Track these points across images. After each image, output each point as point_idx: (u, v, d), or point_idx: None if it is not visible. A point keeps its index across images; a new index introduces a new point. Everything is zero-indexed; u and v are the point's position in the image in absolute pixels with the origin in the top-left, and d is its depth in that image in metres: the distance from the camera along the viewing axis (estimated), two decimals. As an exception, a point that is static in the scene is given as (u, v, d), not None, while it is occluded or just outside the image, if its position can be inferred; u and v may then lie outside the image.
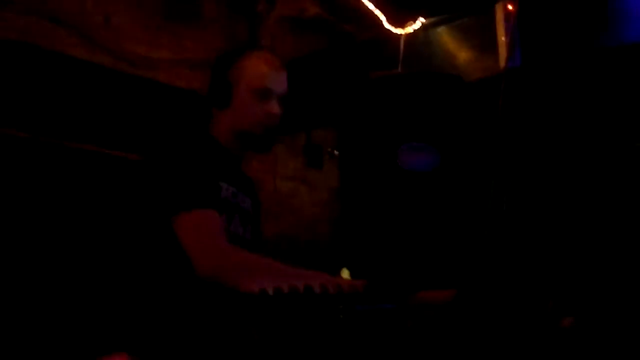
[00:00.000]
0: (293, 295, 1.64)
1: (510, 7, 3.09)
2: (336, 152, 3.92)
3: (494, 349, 2.03)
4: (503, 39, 3.08)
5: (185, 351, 1.86)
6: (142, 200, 1.98)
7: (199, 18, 3.52)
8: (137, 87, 3.20)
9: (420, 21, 3.40)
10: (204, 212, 1.88)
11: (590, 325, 2.41)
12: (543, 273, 2.87)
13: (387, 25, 3.47)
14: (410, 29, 3.41)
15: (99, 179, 2.98)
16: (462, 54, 3.30)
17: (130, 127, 3.12)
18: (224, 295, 1.78)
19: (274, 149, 2.24)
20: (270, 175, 3.76)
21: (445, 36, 3.35)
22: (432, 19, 3.40)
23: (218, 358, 1.88)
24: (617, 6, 2.90)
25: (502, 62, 3.05)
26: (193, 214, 1.87)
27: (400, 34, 3.41)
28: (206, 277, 1.81)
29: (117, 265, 2.74)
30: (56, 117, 2.91)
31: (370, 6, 3.42)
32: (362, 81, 3.19)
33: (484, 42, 3.19)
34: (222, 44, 3.56)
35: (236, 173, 2.14)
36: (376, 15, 3.46)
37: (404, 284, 2.23)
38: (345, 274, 2.96)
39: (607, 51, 2.94)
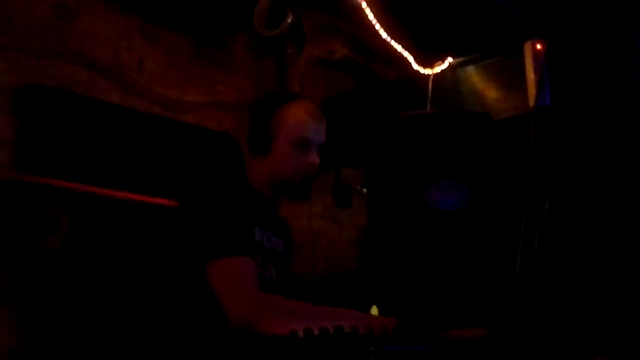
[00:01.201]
0: (323, 336, 1.65)
1: (539, 46, 3.10)
2: (365, 190, 3.93)
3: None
4: (532, 77, 3.09)
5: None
6: (176, 246, 1.99)
7: (228, 61, 3.59)
8: (169, 129, 3.24)
9: (448, 61, 3.42)
10: (238, 259, 1.89)
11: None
12: (575, 312, 2.83)
13: (415, 66, 3.50)
14: (438, 68, 3.43)
15: (137, 226, 3.00)
16: (490, 92, 3.31)
17: (163, 170, 3.16)
18: (255, 340, 1.79)
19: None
20: (301, 214, 3.78)
21: (473, 75, 3.37)
22: (460, 59, 3.43)
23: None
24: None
25: (532, 100, 3.06)
26: (227, 261, 1.88)
27: (429, 74, 3.44)
28: (238, 324, 1.82)
29: (149, 313, 2.77)
30: (92, 163, 2.95)
31: (398, 47, 3.46)
32: (391, 120, 3.21)
33: (513, 80, 3.21)
34: (252, 86, 3.62)
35: (271, 217, 2.14)
36: (404, 56, 3.50)
37: (434, 323, 2.22)
38: (374, 311, 2.94)
39: (636, 89, 2.93)
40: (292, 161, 2.07)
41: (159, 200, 3.02)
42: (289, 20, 3.48)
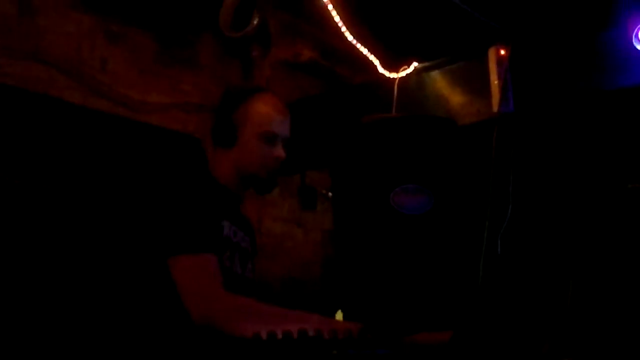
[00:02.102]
0: (286, 339, 1.64)
1: (502, 51, 3.13)
2: (330, 194, 3.93)
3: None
4: (496, 83, 3.11)
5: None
6: (141, 240, 1.98)
7: (193, 62, 3.56)
8: (132, 131, 3.21)
9: (413, 65, 3.43)
10: (201, 256, 1.88)
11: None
12: (538, 316, 2.86)
13: (381, 70, 3.51)
14: (403, 73, 3.44)
15: (95, 222, 2.97)
16: (455, 97, 3.32)
17: (125, 171, 3.12)
18: (217, 340, 1.77)
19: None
20: (265, 216, 3.77)
21: (438, 80, 3.38)
22: (425, 63, 3.44)
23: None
24: (609, 51, 2.93)
25: (495, 106, 3.08)
26: (189, 257, 1.87)
27: (394, 78, 3.44)
28: (201, 322, 1.81)
29: (109, 306, 2.73)
30: (51, 162, 2.90)
31: (365, 51, 3.46)
32: (356, 124, 3.21)
33: (477, 86, 3.22)
34: (217, 87, 3.59)
35: (236, 212, 2.14)
36: (370, 60, 3.50)
37: (398, 327, 2.22)
38: (339, 315, 2.94)
39: (599, 95, 2.97)
40: (258, 154, 2.09)
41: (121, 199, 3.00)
42: (255, 22, 3.46)
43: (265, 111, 2.11)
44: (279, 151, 2.11)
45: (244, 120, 2.10)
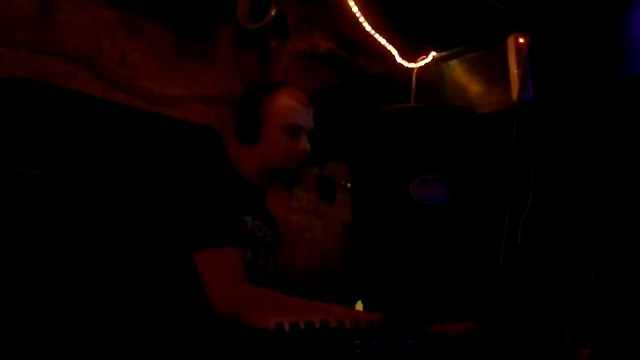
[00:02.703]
0: (309, 330, 1.64)
1: (521, 40, 3.11)
2: (349, 185, 3.93)
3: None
4: (515, 71, 3.09)
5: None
6: (165, 234, 1.99)
7: (212, 55, 3.57)
8: (153, 123, 3.22)
9: (432, 55, 3.42)
10: (225, 250, 1.89)
11: (607, 357, 2.39)
12: (560, 305, 2.85)
13: (399, 60, 3.50)
14: (422, 62, 3.43)
15: (117, 216, 2.99)
16: (474, 87, 3.31)
17: (146, 163, 3.14)
18: (240, 332, 1.78)
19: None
20: (284, 208, 3.77)
21: (457, 69, 3.37)
22: (443, 53, 3.43)
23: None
24: (629, 38, 2.91)
25: (515, 95, 3.06)
26: (214, 251, 1.88)
27: (413, 68, 3.43)
28: (224, 315, 1.82)
29: (133, 298, 2.75)
30: (72, 155, 2.93)
31: (382, 41, 3.45)
32: (374, 114, 3.20)
33: (496, 75, 3.21)
34: (235, 80, 3.60)
35: (260, 206, 2.15)
36: (388, 50, 3.49)
37: (419, 318, 2.22)
38: (359, 306, 2.94)
39: (619, 82, 2.94)
40: (283, 147, 2.09)
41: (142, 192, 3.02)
42: (273, 14, 3.46)
43: (288, 104, 2.11)
44: (304, 144, 2.11)
45: (268, 114, 2.09)
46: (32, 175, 2.79)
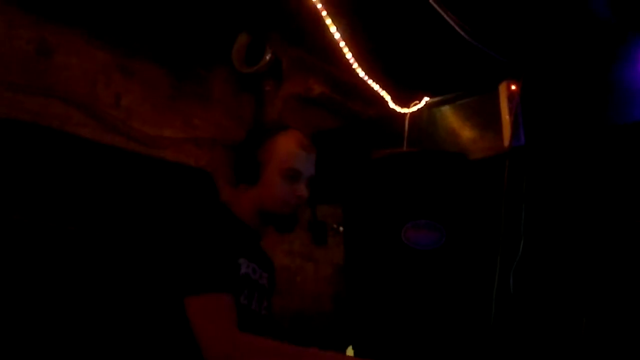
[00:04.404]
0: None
1: (513, 87, 3.14)
2: (341, 228, 3.93)
3: None
4: (507, 118, 3.11)
5: None
6: (157, 278, 1.97)
7: (206, 97, 3.58)
8: (146, 166, 3.22)
9: (424, 100, 3.45)
10: (216, 296, 1.86)
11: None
12: (551, 353, 2.84)
13: (392, 105, 3.52)
14: (414, 108, 3.46)
15: (106, 260, 2.97)
16: (465, 132, 3.33)
17: (140, 207, 3.13)
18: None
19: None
20: (276, 250, 3.76)
21: (449, 115, 3.39)
22: (436, 98, 3.46)
23: None
24: (620, 85, 2.94)
25: (506, 141, 3.08)
26: (205, 297, 1.85)
27: (405, 113, 3.46)
28: None
29: (124, 344, 2.72)
30: (66, 198, 2.91)
31: (376, 86, 3.48)
32: (367, 158, 3.22)
33: (488, 121, 3.23)
34: (229, 122, 3.62)
35: (255, 249, 2.13)
36: (381, 95, 3.52)
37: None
38: (350, 351, 2.92)
39: (611, 129, 2.97)
40: (281, 192, 2.07)
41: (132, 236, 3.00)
42: (268, 58, 3.49)
43: (290, 148, 2.09)
44: (302, 190, 2.09)
45: (269, 157, 2.08)
46: (20, 221, 2.77)
